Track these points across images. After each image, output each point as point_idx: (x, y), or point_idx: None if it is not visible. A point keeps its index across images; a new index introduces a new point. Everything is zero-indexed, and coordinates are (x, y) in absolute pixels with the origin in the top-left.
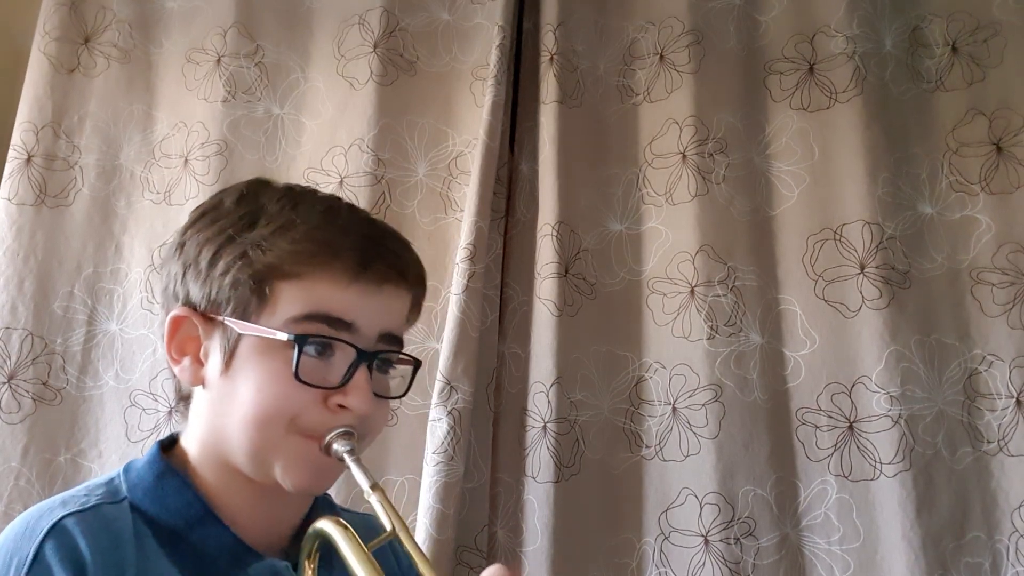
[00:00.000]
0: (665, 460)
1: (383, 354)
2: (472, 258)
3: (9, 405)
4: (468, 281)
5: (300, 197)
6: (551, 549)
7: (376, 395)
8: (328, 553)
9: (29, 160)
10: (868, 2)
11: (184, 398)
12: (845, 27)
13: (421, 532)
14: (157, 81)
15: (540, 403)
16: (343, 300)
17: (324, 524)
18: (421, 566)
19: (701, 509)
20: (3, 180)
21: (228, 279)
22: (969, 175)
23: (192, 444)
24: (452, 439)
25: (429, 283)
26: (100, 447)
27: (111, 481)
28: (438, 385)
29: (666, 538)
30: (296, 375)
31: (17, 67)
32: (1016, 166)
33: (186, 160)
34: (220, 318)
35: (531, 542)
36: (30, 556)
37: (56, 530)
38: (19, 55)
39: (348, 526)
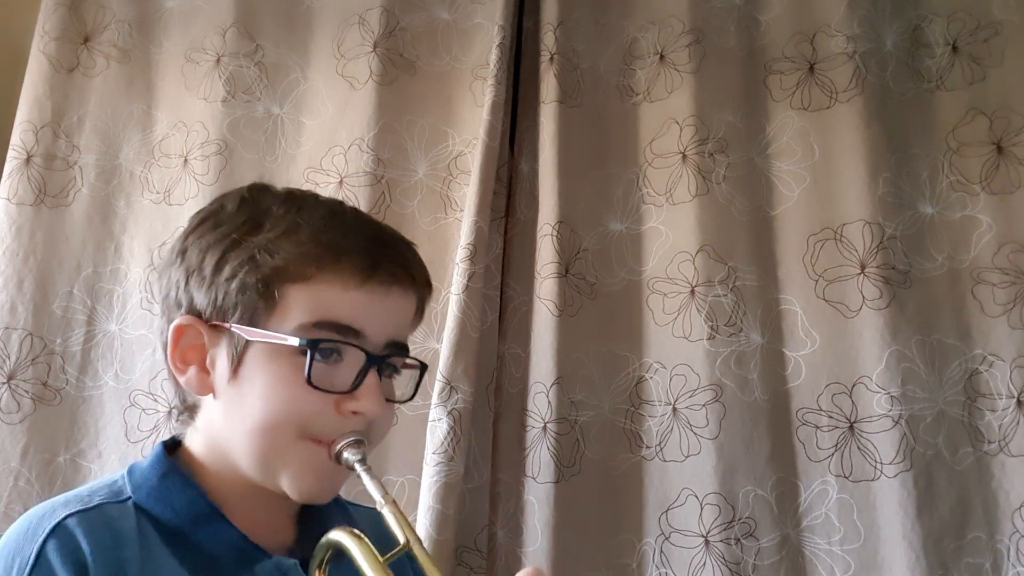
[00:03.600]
0: (665, 460)
1: (391, 358)
2: (472, 258)
3: (8, 405)
4: (468, 281)
5: (303, 200)
6: (551, 549)
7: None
8: (333, 558)
9: (28, 160)
10: (868, 2)
11: (189, 407)
12: (845, 27)
13: (421, 532)
14: (157, 81)
15: (540, 403)
16: (351, 304)
17: (339, 535)
18: None
19: (701, 509)
20: (3, 180)
21: (235, 284)
22: (970, 175)
23: (198, 447)
24: (452, 439)
25: None
26: (100, 447)
27: (114, 482)
28: (438, 385)
29: (666, 538)
30: (308, 380)
31: (16, 67)
32: (1016, 166)
33: (186, 160)
34: (227, 325)
35: (531, 542)
36: (32, 556)
37: (58, 530)
38: (18, 55)
39: (363, 537)
